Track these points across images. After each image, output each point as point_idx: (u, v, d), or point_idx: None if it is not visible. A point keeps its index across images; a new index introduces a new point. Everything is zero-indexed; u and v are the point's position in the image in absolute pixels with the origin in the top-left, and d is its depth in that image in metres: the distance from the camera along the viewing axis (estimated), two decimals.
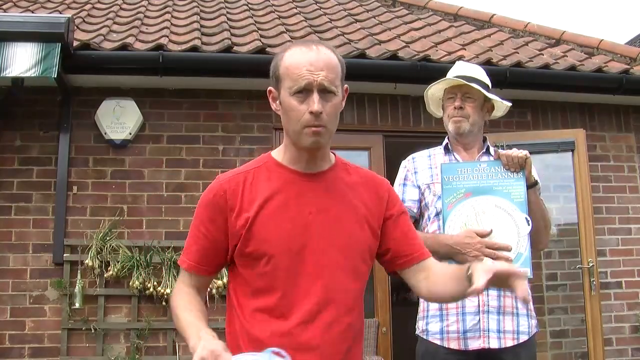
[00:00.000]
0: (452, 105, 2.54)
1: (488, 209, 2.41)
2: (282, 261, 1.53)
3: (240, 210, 1.55)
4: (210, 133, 4.56)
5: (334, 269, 1.56)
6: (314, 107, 1.49)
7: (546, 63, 4.75)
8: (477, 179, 2.45)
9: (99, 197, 4.34)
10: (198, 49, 4.34)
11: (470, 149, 2.58)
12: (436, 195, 2.51)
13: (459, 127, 2.53)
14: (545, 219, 2.52)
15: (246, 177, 1.60)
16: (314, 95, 1.50)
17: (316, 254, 1.55)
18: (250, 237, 1.54)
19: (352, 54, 4.52)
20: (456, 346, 2.40)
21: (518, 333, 2.40)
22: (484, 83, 2.56)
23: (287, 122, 1.56)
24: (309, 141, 1.54)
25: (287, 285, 1.53)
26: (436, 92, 2.68)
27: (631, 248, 4.89)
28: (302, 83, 1.50)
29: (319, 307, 1.53)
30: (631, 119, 5.13)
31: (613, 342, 4.70)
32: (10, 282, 4.15)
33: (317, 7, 6.08)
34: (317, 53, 1.54)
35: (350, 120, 4.68)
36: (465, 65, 2.68)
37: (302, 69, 1.51)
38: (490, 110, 2.62)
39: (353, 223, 1.61)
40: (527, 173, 2.43)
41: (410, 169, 2.62)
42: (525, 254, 2.37)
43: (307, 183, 1.60)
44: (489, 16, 5.96)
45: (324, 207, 1.58)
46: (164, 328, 4.19)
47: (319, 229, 1.56)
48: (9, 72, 3.80)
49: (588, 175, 4.56)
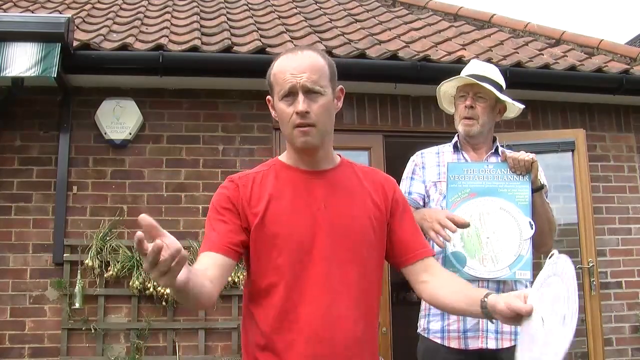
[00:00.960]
0: (463, 104, 2.54)
1: (492, 210, 2.42)
2: (292, 255, 1.58)
3: (250, 205, 1.61)
4: (210, 133, 4.55)
5: (342, 263, 1.60)
6: (298, 107, 1.57)
7: (546, 63, 4.75)
8: (482, 180, 2.45)
9: (99, 197, 4.34)
10: (198, 49, 4.34)
11: (479, 149, 2.58)
12: (442, 194, 2.51)
13: (469, 130, 2.53)
14: (550, 222, 2.52)
15: (255, 178, 1.67)
16: (299, 96, 1.58)
17: (325, 249, 1.59)
18: (262, 229, 1.59)
19: (352, 54, 4.52)
20: (456, 345, 2.41)
21: (516, 334, 2.39)
22: (497, 83, 2.55)
23: (281, 126, 1.65)
24: (300, 141, 1.61)
25: (296, 278, 1.57)
26: (448, 89, 2.68)
27: (631, 248, 4.89)
28: (286, 87, 1.59)
29: (328, 300, 1.57)
30: (631, 119, 5.13)
31: (613, 342, 4.70)
32: (10, 282, 4.15)
33: (317, 7, 6.09)
34: (300, 57, 1.62)
35: (350, 120, 4.68)
36: (479, 64, 2.67)
37: (286, 73, 1.59)
38: (502, 111, 2.61)
39: (361, 219, 1.65)
40: (533, 177, 2.43)
41: (419, 164, 2.62)
42: (526, 256, 2.37)
43: (315, 180, 1.66)
44: (489, 16, 5.97)
45: (332, 203, 1.64)
46: (164, 328, 4.19)
47: (327, 224, 1.61)
48: (9, 72, 3.80)
49: (588, 175, 4.56)
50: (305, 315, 1.56)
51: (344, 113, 4.66)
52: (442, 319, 2.45)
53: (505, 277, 2.37)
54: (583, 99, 4.99)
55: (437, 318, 2.46)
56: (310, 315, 1.56)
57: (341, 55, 4.49)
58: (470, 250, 2.40)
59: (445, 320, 2.44)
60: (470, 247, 2.40)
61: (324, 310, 1.56)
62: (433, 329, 2.47)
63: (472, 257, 2.39)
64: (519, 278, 2.38)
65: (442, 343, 2.43)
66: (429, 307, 2.50)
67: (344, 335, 1.57)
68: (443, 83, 2.67)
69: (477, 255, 2.39)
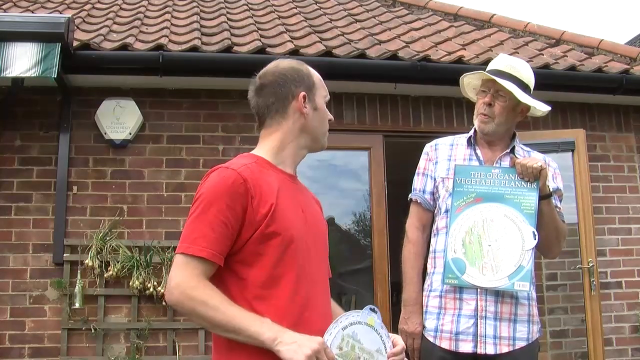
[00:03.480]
0: (482, 100, 2.48)
1: (496, 217, 2.38)
2: (301, 246, 1.64)
3: (261, 198, 1.60)
4: (210, 133, 4.56)
5: (322, 261, 1.76)
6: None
7: (546, 63, 4.75)
8: (489, 185, 2.42)
9: (99, 197, 4.34)
10: (198, 49, 4.34)
11: (493, 146, 2.53)
12: (448, 191, 2.49)
13: (483, 127, 2.48)
14: (559, 230, 2.46)
15: (252, 169, 1.65)
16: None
17: (315, 245, 1.72)
18: (273, 221, 1.59)
19: (352, 54, 4.52)
20: (447, 346, 2.41)
21: (514, 339, 2.38)
22: (521, 82, 2.45)
23: (319, 123, 1.78)
24: (326, 142, 1.83)
25: (303, 270, 1.63)
26: (473, 79, 2.61)
27: (631, 248, 4.89)
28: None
29: (320, 292, 1.69)
30: (631, 119, 5.13)
31: (613, 342, 4.70)
32: (10, 282, 4.15)
33: (317, 7, 6.08)
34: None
35: (350, 120, 4.68)
36: (506, 59, 2.57)
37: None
38: (525, 111, 2.52)
39: (324, 224, 1.84)
40: (542, 184, 2.37)
41: (432, 158, 2.59)
42: (527, 267, 2.33)
43: (292, 184, 1.75)
44: (489, 16, 5.96)
45: (306, 206, 1.76)
46: (164, 328, 4.19)
47: (308, 224, 1.71)
48: (9, 73, 3.80)
49: (588, 175, 4.56)
50: (308, 306, 1.63)
51: (344, 113, 4.66)
52: (437, 319, 2.45)
53: (504, 288, 2.34)
54: (583, 99, 4.99)
55: (433, 317, 2.47)
56: (309, 304, 1.63)
57: (341, 55, 4.49)
58: (471, 257, 2.38)
59: (440, 319, 2.44)
60: (471, 254, 2.38)
61: (317, 301, 1.67)
62: (428, 327, 2.48)
63: (472, 265, 2.37)
64: (518, 289, 2.34)
65: (435, 342, 2.44)
66: (427, 304, 2.50)
67: (327, 320, 1.63)
68: (466, 75, 2.61)
69: (478, 263, 2.36)
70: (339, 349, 1.54)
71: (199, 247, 1.54)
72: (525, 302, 2.43)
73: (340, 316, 1.60)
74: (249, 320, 1.50)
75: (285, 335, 1.48)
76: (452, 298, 2.44)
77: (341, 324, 1.57)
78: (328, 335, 1.54)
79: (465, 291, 2.40)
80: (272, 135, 1.78)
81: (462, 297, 2.42)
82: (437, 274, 2.49)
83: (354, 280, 6.05)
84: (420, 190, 2.58)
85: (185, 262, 1.54)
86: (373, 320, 1.62)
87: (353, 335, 1.57)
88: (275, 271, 1.59)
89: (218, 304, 1.51)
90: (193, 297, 1.51)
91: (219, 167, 1.66)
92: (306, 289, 1.62)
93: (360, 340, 1.58)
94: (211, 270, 1.56)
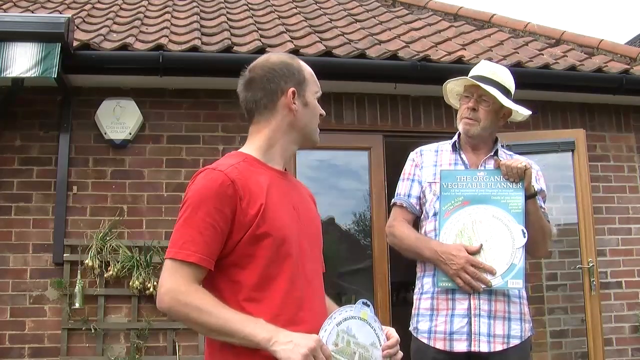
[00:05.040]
0: (466, 105, 2.52)
1: (485, 218, 2.41)
2: (293, 245, 1.62)
3: (250, 198, 1.57)
4: (210, 133, 4.56)
5: (316, 257, 1.74)
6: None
7: (546, 63, 4.75)
8: (475, 188, 2.45)
9: (99, 197, 4.34)
10: (198, 49, 4.34)
11: (478, 150, 2.57)
12: (436, 194, 2.51)
13: (468, 130, 2.52)
14: (545, 229, 2.50)
15: (239, 169, 1.61)
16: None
17: (309, 243, 1.70)
18: (264, 221, 1.57)
19: (352, 54, 4.52)
20: (442, 346, 2.42)
21: (509, 337, 2.39)
22: (504, 87, 2.51)
23: (310, 119, 1.76)
24: (317, 138, 1.80)
25: (296, 269, 1.61)
26: (456, 86, 2.66)
27: (631, 248, 4.89)
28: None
29: (315, 290, 1.68)
30: (631, 119, 5.13)
31: (613, 342, 4.70)
32: (10, 282, 4.15)
33: (317, 7, 6.08)
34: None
35: (350, 120, 4.68)
36: (488, 66, 2.63)
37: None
38: (507, 115, 2.58)
39: (317, 220, 1.82)
40: (527, 184, 2.41)
41: (418, 163, 2.61)
42: (519, 265, 2.36)
43: (283, 181, 1.72)
44: (489, 16, 5.97)
45: (298, 202, 1.73)
46: (164, 328, 4.19)
47: (301, 221, 1.69)
48: (10, 73, 3.80)
49: (588, 175, 4.56)
50: (302, 303, 1.61)
51: (344, 113, 4.66)
52: (430, 320, 2.46)
53: (498, 287, 2.37)
54: (583, 99, 4.99)
55: (426, 318, 2.48)
56: (304, 302, 1.61)
57: (341, 55, 4.49)
58: None
59: (433, 321, 2.45)
60: None
61: (310, 297, 1.65)
62: (421, 329, 2.49)
63: None
64: (511, 287, 2.37)
65: (429, 343, 2.45)
66: (419, 306, 2.51)
67: (320, 318, 1.62)
68: (449, 81, 2.65)
69: None
70: (334, 345, 1.54)
71: (187, 251, 1.52)
72: (516, 300, 2.46)
73: (333, 312, 1.60)
74: (243, 322, 1.48)
75: (280, 335, 1.47)
76: (444, 299, 2.45)
77: (335, 320, 1.57)
78: (323, 332, 1.54)
79: (457, 292, 2.42)
80: (260, 132, 1.75)
81: (454, 298, 2.43)
82: (427, 276, 2.51)
83: (354, 280, 6.05)
84: (406, 195, 2.60)
85: (175, 268, 1.53)
86: (366, 314, 1.63)
87: (347, 330, 1.58)
88: (268, 272, 1.57)
89: (211, 308, 1.49)
90: (185, 302, 1.50)
91: (206, 168, 1.63)
92: (300, 288, 1.61)
93: (355, 335, 1.59)
94: (201, 274, 1.55)
